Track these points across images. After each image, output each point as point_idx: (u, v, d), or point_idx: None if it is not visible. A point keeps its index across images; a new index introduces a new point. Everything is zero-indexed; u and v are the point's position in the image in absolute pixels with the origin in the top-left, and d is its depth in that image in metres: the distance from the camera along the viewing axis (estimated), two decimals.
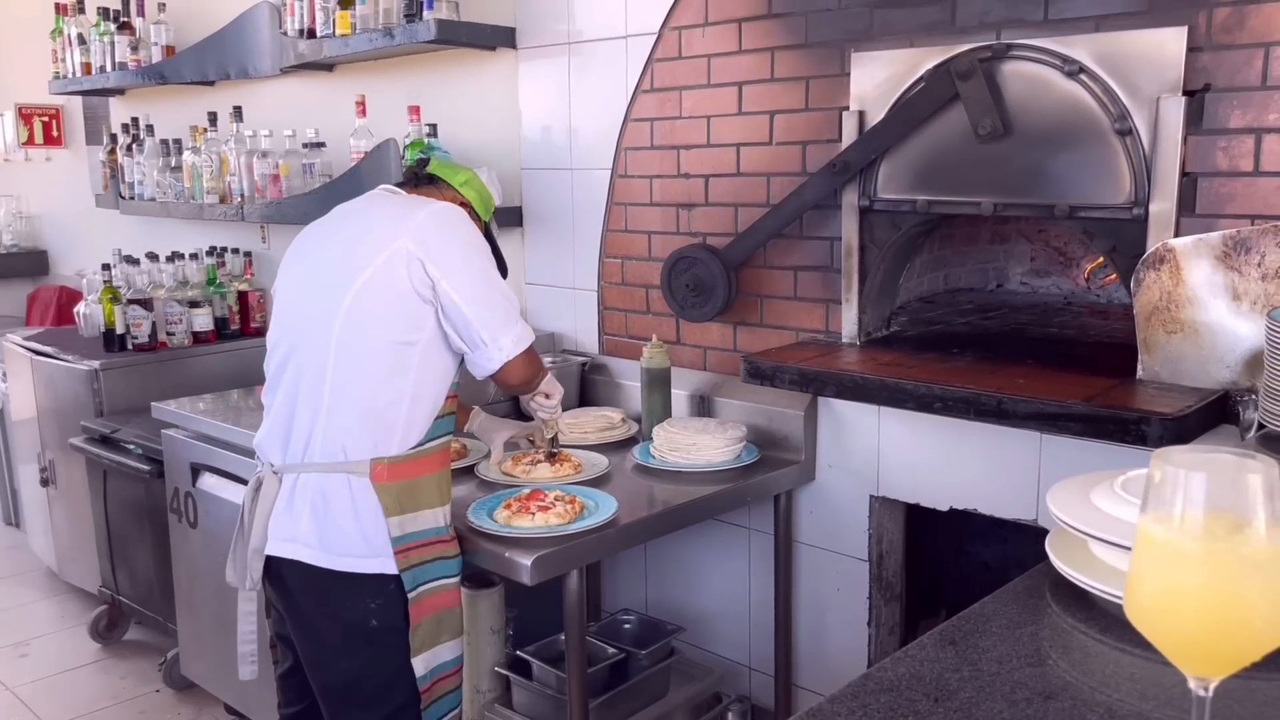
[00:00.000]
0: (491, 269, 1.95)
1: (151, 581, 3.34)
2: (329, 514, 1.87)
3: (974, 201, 2.11)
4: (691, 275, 2.58)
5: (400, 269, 1.82)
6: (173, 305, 3.75)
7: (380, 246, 1.84)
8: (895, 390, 2.04)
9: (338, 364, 1.87)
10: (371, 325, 1.84)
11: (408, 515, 1.89)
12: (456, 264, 1.86)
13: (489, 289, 1.91)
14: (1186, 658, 0.69)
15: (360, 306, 1.85)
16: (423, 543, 1.91)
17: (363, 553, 1.87)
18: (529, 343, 1.97)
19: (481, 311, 1.88)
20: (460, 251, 1.88)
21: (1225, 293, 1.81)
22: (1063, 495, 1.16)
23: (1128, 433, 1.75)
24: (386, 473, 1.87)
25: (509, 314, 1.93)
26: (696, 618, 2.76)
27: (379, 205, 1.98)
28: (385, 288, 1.83)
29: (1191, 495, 0.65)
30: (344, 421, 1.87)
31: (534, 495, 2.05)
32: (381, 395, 1.86)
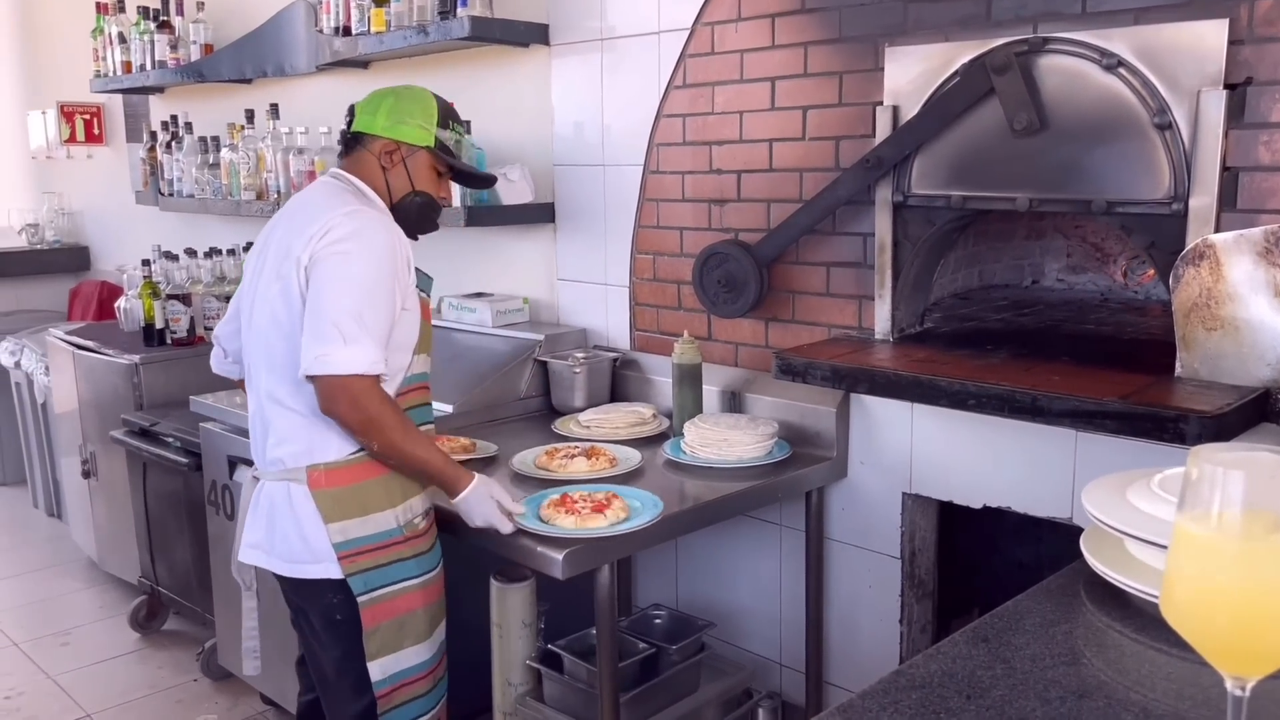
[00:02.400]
0: (365, 286, 1.81)
1: (190, 572, 3.39)
2: (276, 521, 1.90)
3: (1009, 197, 2.09)
4: (723, 271, 2.57)
5: (298, 279, 1.83)
6: (210, 300, 3.80)
7: (289, 256, 1.85)
8: (929, 387, 2.03)
9: (268, 371, 1.91)
10: (290, 333, 1.85)
11: (352, 521, 1.87)
12: (327, 268, 1.80)
13: (342, 296, 1.78)
14: (1223, 657, 0.68)
15: (274, 315, 1.88)
16: (373, 547, 1.89)
17: (305, 559, 1.88)
18: (337, 369, 1.76)
19: (314, 314, 1.79)
20: (337, 259, 1.81)
21: (1267, 289, 1.79)
22: (1099, 493, 1.15)
23: (1165, 431, 1.73)
24: (324, 479, 1.87)
25: (331, 329, 1.77)
26: (727, 613, 2.76)
27: (308, 206, 1.94)
28: (294, 297, 1.84)
29: (1229, 494, 0.64)
30: (281, 429, 1.89)
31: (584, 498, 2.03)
32: (301, 394, 1.85)
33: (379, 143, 1.99)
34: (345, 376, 1.76)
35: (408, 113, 2.00)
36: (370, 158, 2.00)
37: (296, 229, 1.87)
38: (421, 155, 2.01)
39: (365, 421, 1.80)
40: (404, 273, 1.89)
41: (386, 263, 1.84)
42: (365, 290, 1.80)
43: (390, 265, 1.84)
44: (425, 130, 2.00)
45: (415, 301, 1.95)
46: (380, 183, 2.00)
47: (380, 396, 1.81)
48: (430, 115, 2.01)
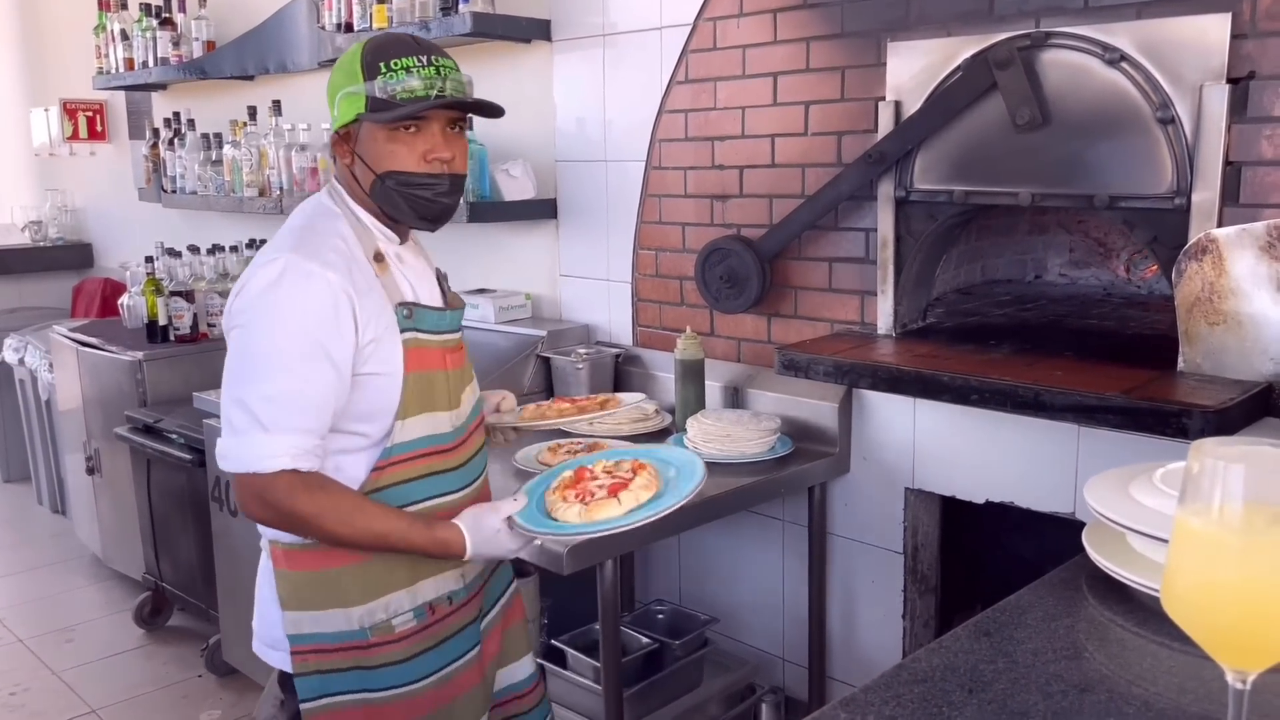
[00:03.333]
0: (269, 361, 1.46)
1: (194, 568, 3.40)
2: (260, 596, 1.65)
3: (1012, 192, 2.09)
4: (725, 267, 2.57)
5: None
6: (214, 297, 3.80)
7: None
8: (931, 382, 2.03)
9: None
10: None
11: (306, 614, 1.54)
12: (229, 344, 1.51)
13: (233, 379, 1.48)
14: (1225, 650, 0.69)
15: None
16: (330, 648, 1.54)
17: (265, 640, 1.62)
18: (237, 467, 1.46)
19: (224, 395, 1.49)
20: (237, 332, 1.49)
21: (1269, 284, 1.79)
22: (1101, 488, 1.15)
23: (1168, 425, 1.73)
24: (284, 559, 1.56)
25: (234, 423, 1.46)
26: (730, 609, 2.77)
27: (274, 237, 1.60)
28: None
29: (1230, 487, 0.65)
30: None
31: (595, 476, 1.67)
32: None
33: (332, 139, 1.63)
34: (242, 475, 1.46)
35: (336, 86, 1.59)
36: (339, 161, 1.63)
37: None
38: (365, 129, 1.56)
39: (283, 519, 1.48)
40: (341, 330, 1.48)
41: (296, 326, 1.45)
42: (267, 368, 1.45)
43: (313, 325, 1.45)
44: (354, 96, 1.55)
45: (391, 355, 1.54)
46: (352, 184, 1.61)
47: (290, 491, 1.45)
48: (353, 73, 1.54)
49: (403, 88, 1.52)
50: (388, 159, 1.55)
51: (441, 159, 1.56)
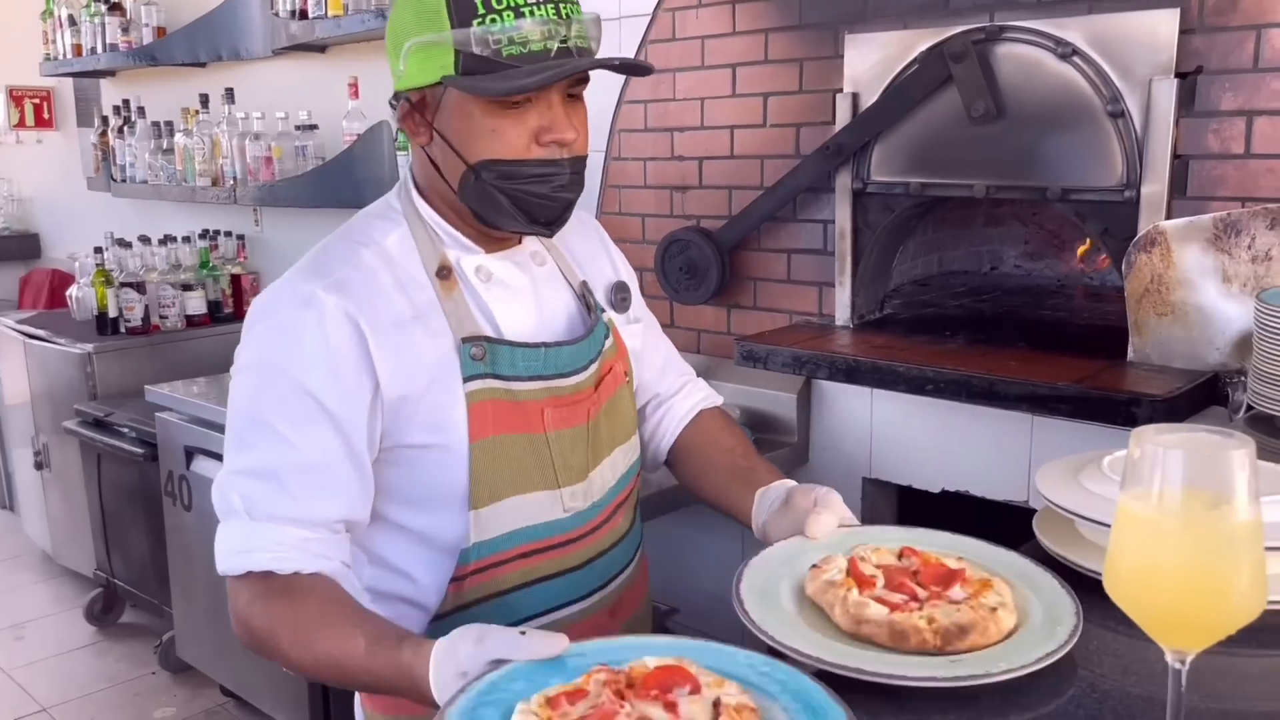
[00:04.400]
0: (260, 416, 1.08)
1: (146, 564, 3.34)
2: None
3: (967, 184, 2.11)
4: (685, 258, 2.58)
5: None
6: (165, 288, 3.74)
7: None
8: (887, 373, 2.05)
9: None
10: None
11: None
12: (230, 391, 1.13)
13: (231, 442, 1.11)
14: (1164, 631, 0.70)
15: None
16: None
17: None
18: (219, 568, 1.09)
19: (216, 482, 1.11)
20: (233, 375, 1.12)
21: (1215, 275, 1.82)
22: (1051, 476, 1.17)
23: (1118, 414, 1.76)
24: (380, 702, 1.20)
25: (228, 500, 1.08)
26: (691, 598, 2.77)
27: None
28: None
29: (1169, 473, 0.66)
30: None
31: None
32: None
33: (411, 101, 1.14)
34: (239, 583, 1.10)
35: (404, 29, 1.10)
36: (412, 134, 1.17)
37: None
38: (451, 97, 1.10)
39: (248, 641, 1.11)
40: (340, 377, 1.07)
41: (285, 374, 1.07)
42: (250, 433, 1.09)
43: (304, 371, 1.07)
44: (435, 49, 1.08)
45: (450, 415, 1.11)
46: (428, 171, 1.17)
47: (250, 599, 1.08)
48: (434, 11, 1.07)
49: (510, 37, 1.05)
50: (484, 142, 1.10)
51: (563, 140, 1.12)
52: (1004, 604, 0.93)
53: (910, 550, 1.04)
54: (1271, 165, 1.78)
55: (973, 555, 1.04)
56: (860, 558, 1.03)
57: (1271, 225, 1.76)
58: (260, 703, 2.82)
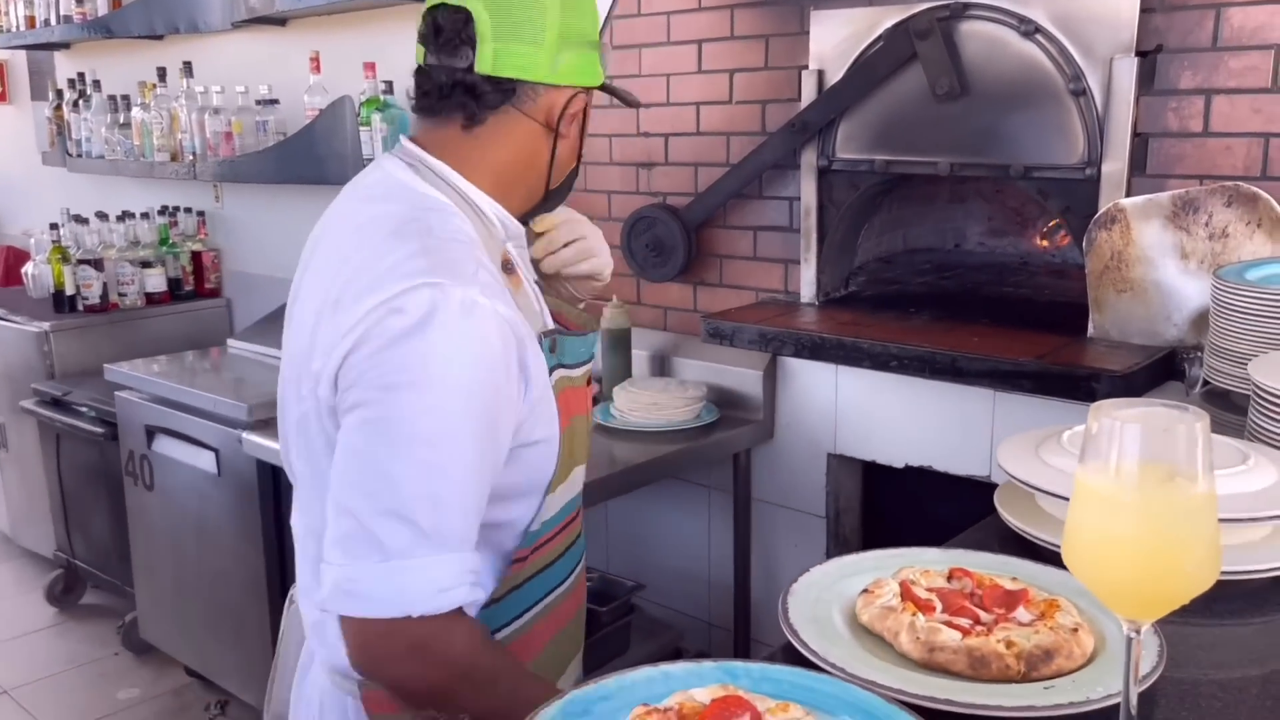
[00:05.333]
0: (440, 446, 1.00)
1: (108, 545, 3.31)
2: None
3: (931, 161, 2.12)
4: (651, 235, 2.57)
5: (318, 419, 1.08)
6: (124, 266, 3.69)
7: (308, 368, 1.07)
8: (852, 349, 2.06)
9: (308, 514, 1.17)
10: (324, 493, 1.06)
11: None
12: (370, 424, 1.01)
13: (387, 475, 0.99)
14: (1119, 602, 0.71)
15: (304, 457, 1.14)
16: None
17: None
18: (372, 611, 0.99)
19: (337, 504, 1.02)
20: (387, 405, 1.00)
21: (1174, 252, 1.85)
22: (1011, 450, 1.18)
23: (1078, 389, 1.79)
24: (386, 699, 1.10)
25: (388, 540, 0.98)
26: (657, 575, 2.79)
27: (349, 258, 1.07)
28: (316, 446, 1.10)
29: (1126, 446, 0.67)
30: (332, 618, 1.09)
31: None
32: None
33: (555, 96, 1.14)
34: (393, 621, 0.99)
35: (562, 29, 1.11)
36: (527, 128, 1.14)
37: (327, 308, 1.05)
38: (580, 100, 1.17)
39: (448, 680, 1.03)
40: (510, 391, 1.04)
41: (462, 390, 1.00)
42: (428, 458, 1.00)
43: (482, 387, 1.01)
44: (591, 53, 1.16)
45: (549, 416, 1.11)
46: (536, 173, 1.17)
47: (469, 638, 1.04)
48: (595, 14, 1.16)
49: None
50: (586, 143, 1.22)
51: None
52: (1082, 625, 0.88)
53: (961, 571, 0.98)
54: (1229, 144, 1.81)
55: (1024, 573, 0.99)
56: (910, 580, 0.96)
57: (1229, 203, 1.79)
58: (226, 682, 2.81)
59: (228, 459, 2.55)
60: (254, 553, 2.55)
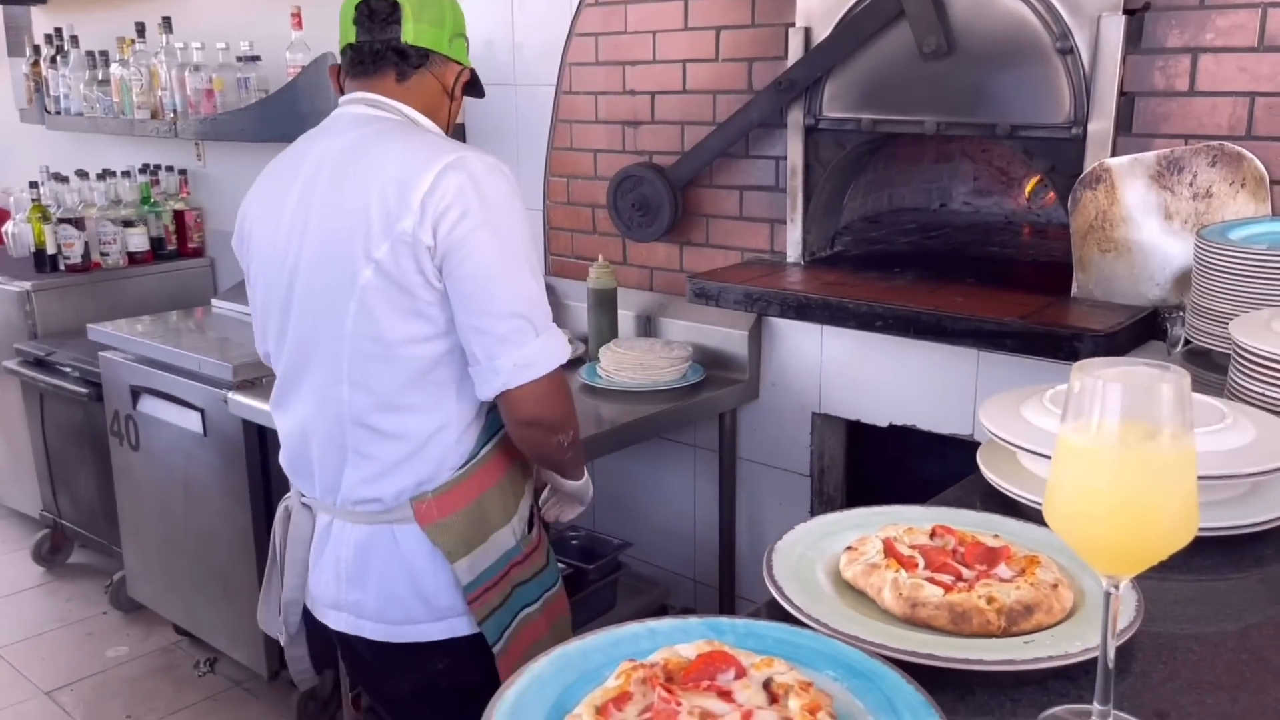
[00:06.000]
0: (515, 256, 1.42)
1: (94, 504, 3.31)
2: (374, 576, 1.48)
3: (918, 120, 2.11)
4: (638, 194, 2.56)
5: (408, 260, 1.37)
6: (106, 225, 3.65)
7: (386, 233, 1.37)
8: (837, 309, 2.07)
9: (355, 391, 1.44)
10: (396, 341, 1.41)
11: (475, 552, 1.48)
12: (483, 251, 1.38)
13: (514, 280, 1.41)
14: (1099, 558, 0.72)
15: (367, 322, 1.41)
16: (496, 579, 1.50)
17: (425, 617, 1.49)
18: (545, 370, 1.42)
19: (485, 313, 1.39)
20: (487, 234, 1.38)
21: (1158, 212, 1.85)
22: (994, 409, 1.19)
23: (1061, 349, 1.80)
24: (435, 508, 1.46)
25: (520, 325, 1.41)
26: (643, 533, 2.81)
27: (378, 158, 1.42)
28: (413, 292, 1.39)
29: (1108, 405, 0.68)
30: (381, 461, 1.46)
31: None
32: (414, 419, 1.44)
33: (450, 68, 1.56)
34: (549, 375, 1.43)
35: (454, 23, 1.57)
36: (434, 85, 1.55)
37: (376, 195, 1.38)
38: (465, 76, 1.61)
39: (565, 416, 1.49)
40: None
41: (525, 219, 1.47)
42: (530, 262, 1.44)
43: (525, 218, 1.47)
44: (463, 44, 1.60)
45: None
46: (443, 118, 1.57)
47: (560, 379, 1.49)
48: (462, 17, 1.60)
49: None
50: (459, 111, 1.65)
51: None
52: (1062, 580, 0.90)
53: (943, 528, 1.00)
54: (1215, 103, 1.81)
55: (1005, 531, 1.01)
56: (894, 538, 0.98)
57: (1213, 163, 1.79)
58: (215, 640, 2.83)
59: (213, 419, 2.55)
60: (241, 512, 2.55)
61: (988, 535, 0.99)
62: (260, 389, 2.39)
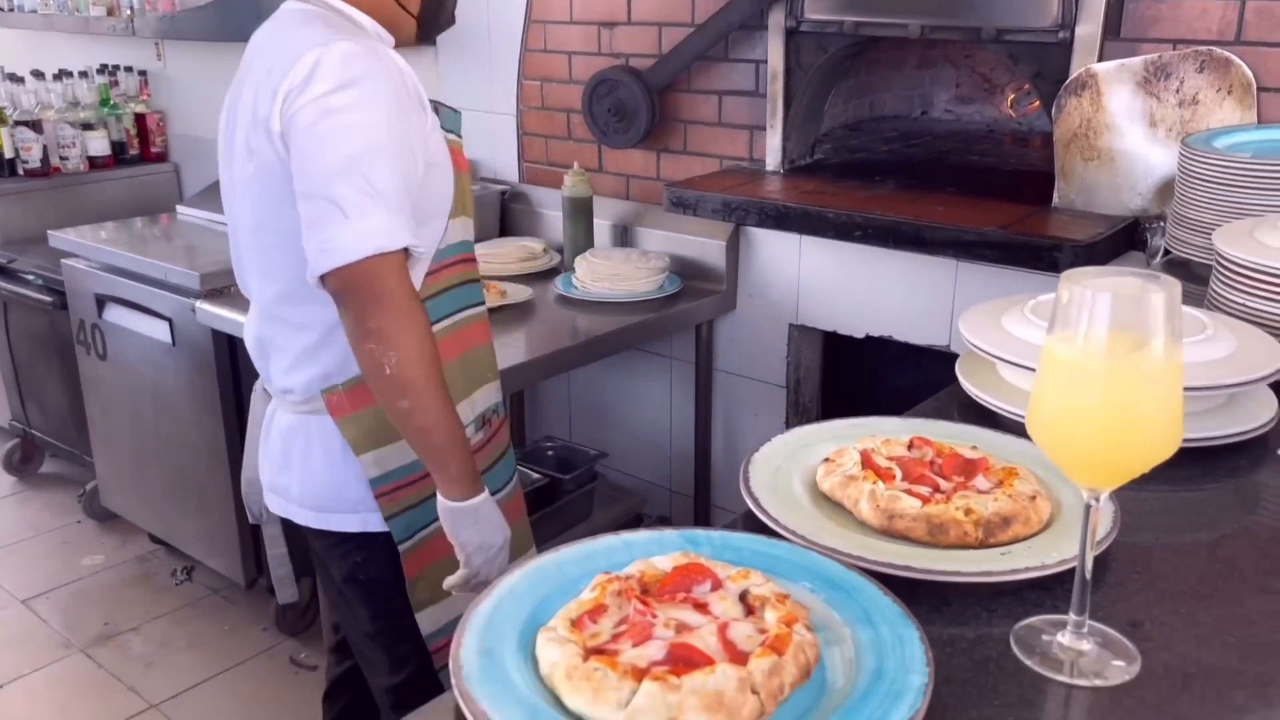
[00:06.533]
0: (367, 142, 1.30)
1: (64, 414, 3.27)
2: (295, 461, 1.50)
3: (901, 23, 2.06)
4: (614, 99, 2.50)
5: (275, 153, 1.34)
6: (64, 128, 3.53)
7: (256, 123, 1.35)
8: (816, 219, 2.04)
9: (264, 281, 1.45)
10: (283, 228, 1.36)
11: (386, 449, 1.44)
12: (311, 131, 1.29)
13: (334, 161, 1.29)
14: (1081, 471, 0.72)
15: (259, 208, 1.40)
16: (413, 479, 1.46)
17: (335, 507, 1.49)
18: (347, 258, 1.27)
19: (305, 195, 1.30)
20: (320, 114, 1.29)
21: (1143, 119, 1.82)
22: (975, 320, 1.18)
23: (1040, 259, 1.79)
24: (346, 401, 1.43)
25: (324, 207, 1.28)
26: (619, 444, 2.82)
27: (269, 50, 1.40)
28: (273, 179, 1.36)
29: (1096, 316, 0.66)
30: (290, 353, 1.46)
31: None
32: (317, 309, 1.38)
33: None
34: (356, 264, 1.27)
35: None
36: None
37: (254, 88, 1.37)
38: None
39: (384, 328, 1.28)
40: (417, 117, 1.37)
41: (393, 108, 1.32)
42: (367, 147, 1.29)
43: (398, 110, 1.33)
44: None
45: (443, 150, 1.45)
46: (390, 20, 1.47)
47: (403, 273, 1.31)
48: None
49: None
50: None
51: None
52: (1040, 492, 0.89)
53: (921, 440, 0.99)
54: (1205, 5, 1.77)
55: (984, 442, 1.00)
56: (871, 449, 0.97)
57: (1200, 69, 1.76)
58: (191, 549, 2.83)
59: (182, 328, 2.51)
60: (213, 422, 2.53)
61: (966, 447, 0.98)
62: (228, 298, 2.34)
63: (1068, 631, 0.76)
